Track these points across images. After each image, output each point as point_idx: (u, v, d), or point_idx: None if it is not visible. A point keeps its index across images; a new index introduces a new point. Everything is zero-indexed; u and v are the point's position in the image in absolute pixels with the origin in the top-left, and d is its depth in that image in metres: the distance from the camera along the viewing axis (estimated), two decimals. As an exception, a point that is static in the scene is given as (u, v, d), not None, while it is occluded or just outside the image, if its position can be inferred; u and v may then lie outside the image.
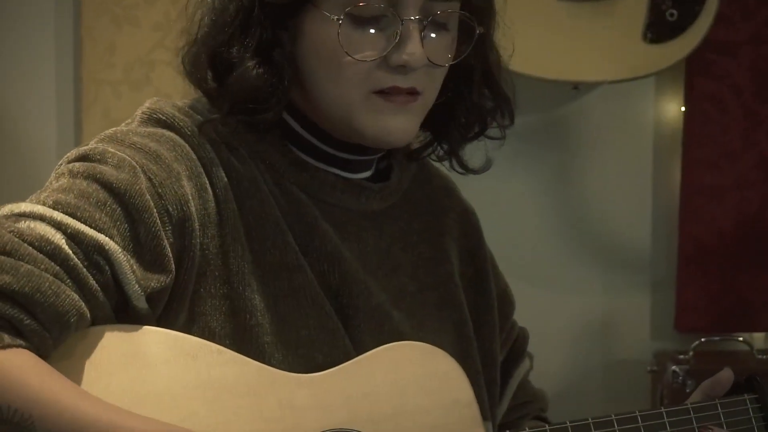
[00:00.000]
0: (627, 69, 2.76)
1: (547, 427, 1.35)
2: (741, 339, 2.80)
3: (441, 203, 1.51)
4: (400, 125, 1.33)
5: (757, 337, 2.94)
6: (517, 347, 1.59)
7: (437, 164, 1.50)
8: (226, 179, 1.30)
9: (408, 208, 1.46)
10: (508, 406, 1.56)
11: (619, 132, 2.93)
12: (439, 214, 1.50)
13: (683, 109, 2.92)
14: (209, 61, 1.32)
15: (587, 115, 2.95)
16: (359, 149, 1.38)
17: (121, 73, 3.02)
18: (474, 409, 1.35)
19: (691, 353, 2.64)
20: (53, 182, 1.24)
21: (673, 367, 2.57)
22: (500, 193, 2.72)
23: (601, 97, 2.94)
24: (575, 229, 2.88)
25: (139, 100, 1.45)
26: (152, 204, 1.22)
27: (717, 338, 2.74)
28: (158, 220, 1.22)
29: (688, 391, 2.45)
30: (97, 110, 3.02)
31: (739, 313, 2.87)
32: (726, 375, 1.44)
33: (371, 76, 1.30)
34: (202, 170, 1.29)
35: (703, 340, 2.68)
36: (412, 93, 1.31)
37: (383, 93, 1.31)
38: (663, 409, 1.39)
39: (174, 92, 1.49)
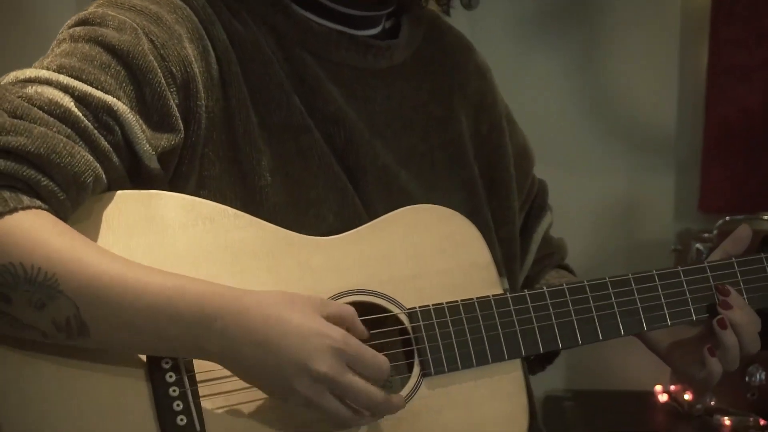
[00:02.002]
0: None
1: (564, 285, 1.36)
2: (766, 218, 2.78)
3: (454, 60, 1.50)
4: None
5: (782, 216, 2.92)
6: (538, 202, 1.60)
7: (448, 19, 1.49)
8: (228, 42, 1.29)
9: (419, 66, 1.45)
10: (534, 258, 1.57)
11: (647, 11, 2.88)
12: (452, 72, 1.49)
13: (711, -13, 2.86)
14: None
15: (614, -8, 2.90)
16: (364, 4, 1.36)
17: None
18: (491, 271, 1.35)
19: (715, 232, 2.62)
20: (55, 48, 1.23)
21: (697, 245, 2.56)
22: (524, 73, 2.68)
23: (628, -25, 2.89)
24: (600, 109, 2.85)
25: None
26: (156, 65, 1.22)
27: (741, 217, 2.72)
28: (163, 81, 1.22)
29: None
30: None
31: (764, 192, 2.85)
32: (744, 231, 1.44)
33: None
34: (203, 33, 1.28)
35: (727, 218, 2.66)
36: None
37: None
38: (680, 268, 1.39)
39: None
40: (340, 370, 1.14)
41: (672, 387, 2.66)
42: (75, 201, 1.16)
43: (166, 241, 1.21)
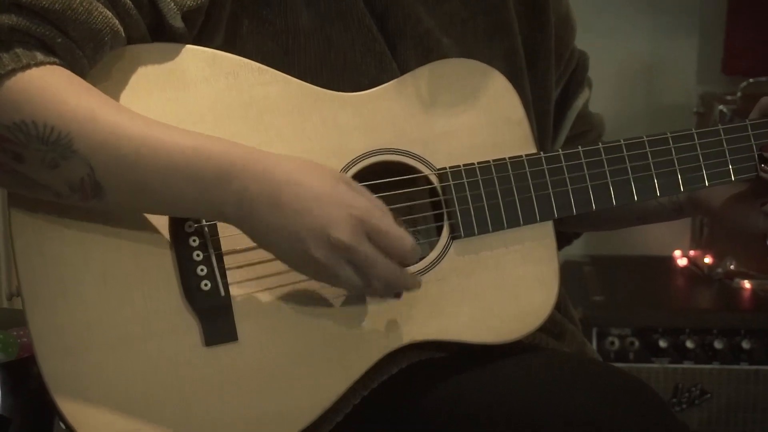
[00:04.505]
0: None
1: (600, 144, 1.30)
2: (791, 79, 2.73)
3: None
4: None
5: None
6: (576, 76, 1.53)
7: None
8: None
9: None
10: (567, 136, 1.52)
11: None
12: None
13: None
14: None
15: None
16: None
17: None
18: (525, 127, 1.30)
19: (738, 94, 2.58)
20: None
21: (720, 107, 2.51)
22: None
23: None
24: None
25: None
26: None
27: (765, 79, 2.66)
28: None
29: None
30: None
31: (789, 55, 2.79)
32: None
33: None
34: None
35: (751, 80, 2.60)
36: None
37: None
38: (720, 126, 1.34)
39: None
40: (359, 239, 1.09)
41: (692, 251, 2.65)
42: (92, 59, 1.11)
43: (187, 97, 1.17)
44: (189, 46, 1.18)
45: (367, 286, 1.13)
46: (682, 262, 2.65)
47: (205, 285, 1.15)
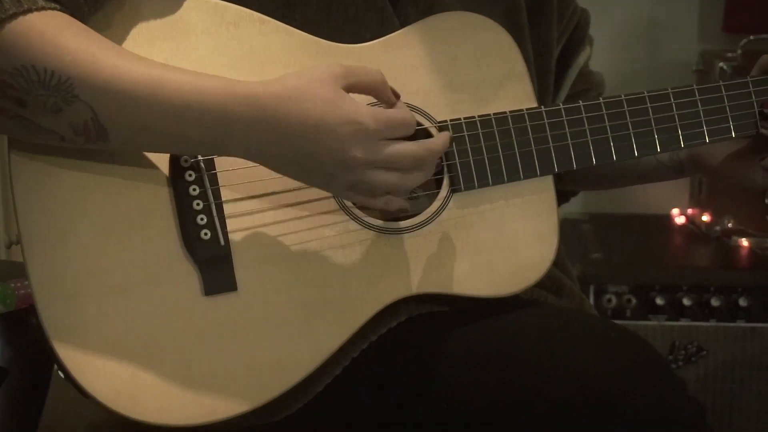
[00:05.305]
0: None
1: (600, 100, 1.30)
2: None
3: None
4: None
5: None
6: (577, 33, 1.52)
7: None
8: None
9: None
10: (567, 94, 1.51)
11: None
12: None
13: None
14: None
15: None
16: None
17: None
18: (526, 82, 1.30)
19: (739, 51, 2.56)
20: None
21: (721, 64, 2.50)
22: None
23: None
24: None
25: None
26: None
27: (765, 36, 2.65)
28: None
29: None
30: None
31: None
32: None
33: None
34: None
35: (751, 38, 2.59)
36: None
37: None
38: (721, 83, 1.34)
39: None
40: (375, 149, 1.08)
41: (690, 210, 2.65)
42: (92, 6, 1.10)
43: (188, 46, 1.16)
44: (191, -5, 1.17)
45: (405, 175, 1.12)
46: (680, 220, 2.65)
47: (205, 234, 1.15)
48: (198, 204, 1.15)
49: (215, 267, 1.15)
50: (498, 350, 1.20)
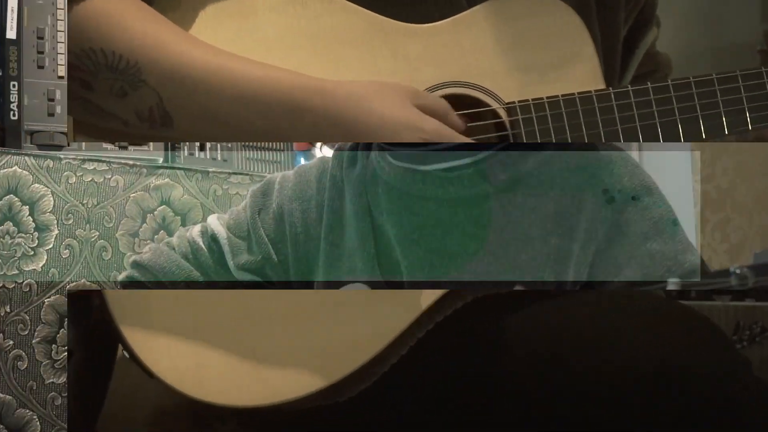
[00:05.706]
0: None
1: (669, 81, 1.28)
2: None
3: None
4: None
5: None
6: (645, 14, 1.50)
7: None
8: None
9: None
10: (634, 75, 1.49)
11: None
12: None
13: None
14: None
15: None
16: None
17: None
18: (595, 63, 1.28)
19: (805, 32, 2.52)
20: None
21: (787, 46, 2.46)
22: None
23: None
24: None
25: None
26: None
27: (833, 17, 2.60)
28: None
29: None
30: None
31: None
32: None
33: None
34: None
35: (819, 18, 2.54)
36: None
37: None
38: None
39: None
40: None
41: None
42: None
43: (255, 26, 1.16)
44: (253, -28, 1.17)
45: None
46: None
47: None
48: None
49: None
50: (563, 334, 1.19)
